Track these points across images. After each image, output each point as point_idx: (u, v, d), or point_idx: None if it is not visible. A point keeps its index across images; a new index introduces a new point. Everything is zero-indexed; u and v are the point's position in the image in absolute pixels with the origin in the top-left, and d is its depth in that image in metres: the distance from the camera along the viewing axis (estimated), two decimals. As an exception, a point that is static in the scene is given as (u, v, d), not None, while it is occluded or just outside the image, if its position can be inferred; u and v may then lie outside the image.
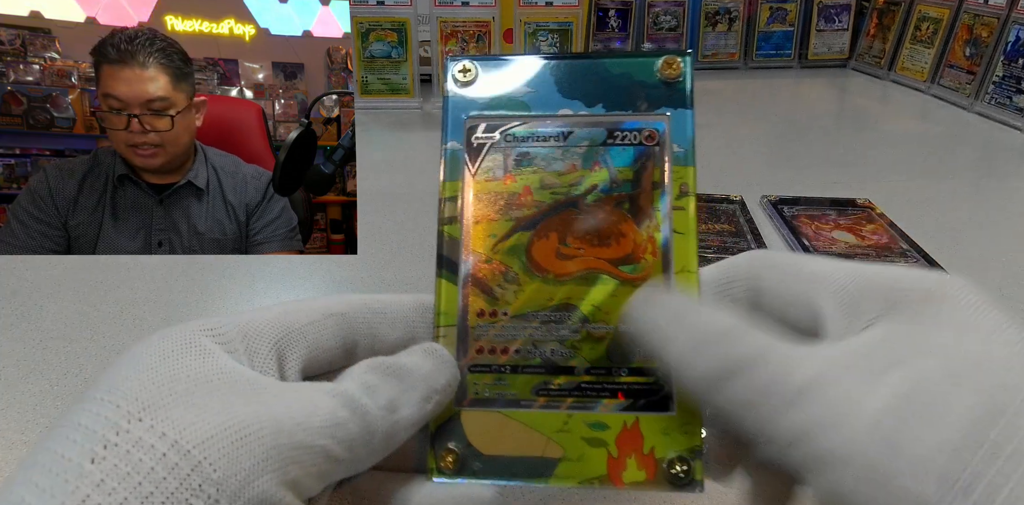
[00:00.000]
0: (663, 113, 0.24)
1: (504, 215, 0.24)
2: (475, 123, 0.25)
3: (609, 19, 1.21)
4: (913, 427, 0.17)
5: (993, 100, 0.97)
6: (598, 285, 0.23)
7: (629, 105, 0.25)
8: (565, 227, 0.24)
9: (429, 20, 0.96)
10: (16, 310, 0.48)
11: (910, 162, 0.82)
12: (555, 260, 0.24)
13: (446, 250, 0.24)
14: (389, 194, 0.69)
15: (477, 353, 0.23)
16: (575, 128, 0.25)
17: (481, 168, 0.25)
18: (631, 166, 0.24)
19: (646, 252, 0.24)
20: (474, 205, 0.24)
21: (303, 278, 0.53)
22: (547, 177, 0.24)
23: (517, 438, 0.22)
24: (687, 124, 0.24)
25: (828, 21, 1.27)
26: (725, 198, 0.66)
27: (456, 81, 0.25)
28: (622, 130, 0.24)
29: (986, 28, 0.99)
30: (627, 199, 0.24)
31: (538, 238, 0.24)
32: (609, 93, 0.25)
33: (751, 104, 1.08)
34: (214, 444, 0.17)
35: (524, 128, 0.25)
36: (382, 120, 0.95)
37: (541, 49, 0.98)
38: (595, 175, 0.24)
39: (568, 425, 0.22)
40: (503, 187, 0.24)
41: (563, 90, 0.25)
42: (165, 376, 0.18)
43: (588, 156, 0.24)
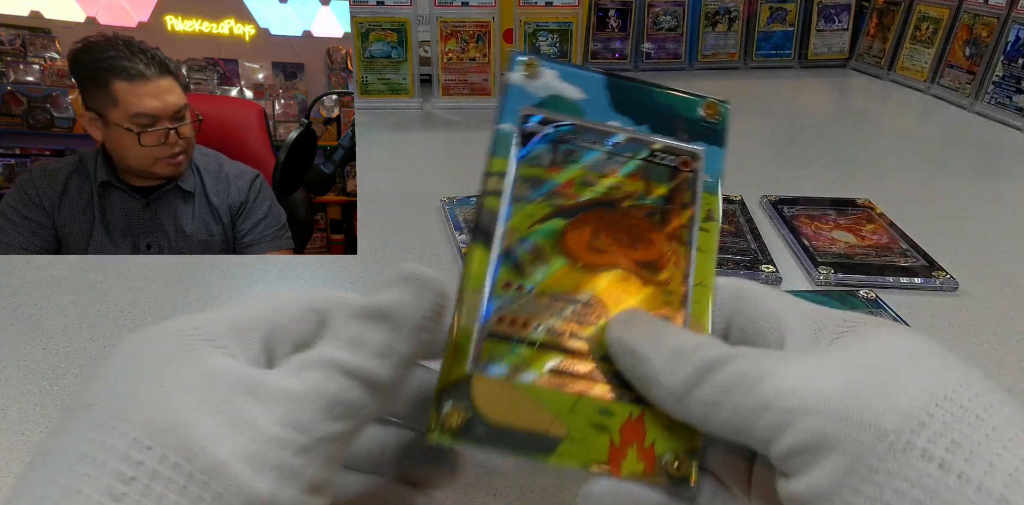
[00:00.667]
0: (700, 146, 0.27)
1: (545, 200, 0.25)
2: (530, 113, 0.26)
3: (609, 19, 1.21)
4: (878, 385, 0.19)
5: (993, 100, 0.97)
6: (621, 282, 0.24)
7: (672, 132, 0.27)
8: (600, 223, 0.25)
9: (429, 20, 0.96)
10: (16, 310, 0.48)
11: (910, 162, 0.82)
12: (586, 251, 0.25)
13: (484, 220, 0.24)
14: (389, 194, 0.69)
15: (499, 322, 0.23)
16: (621, 139, 0.26)
17: (530, 154, 0.26)
18: (667, 184, 0.26)
19: (670, 262, 0.25)
20: (517, 185, 0.25)
21: (303, 278, 0.53)
22: (589, 175, 0.26)
23: (525, 411, 0.22)
24: (719, 160, 0.27)
25: (828, 21, 1.26)
26: (725, 198, 0.66)
27: (520, 73, 0.26)
28: (663, 151, 0.27)
29: (986, 28, 0.99)
30: (659, 212, 0.26)
31: (573, 228, 0.25)
32: (656, 118, 0.27)
33: (751, 104, 1.08)
34: (230, 470, 0.17)
35: (576, 129, 0.26)
36: (382, 120, 0.95)
37: (541, 49, 0.99)
38: (633, 184, 0.26)
39: (576, 407, 0.22)
40: (547, 175, 0.25)
41: (615, 105, 0.27)
42: (165, 390, 0.18)
43: (629, 167, 0.26)
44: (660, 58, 1.24)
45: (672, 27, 1.22)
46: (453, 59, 0.97)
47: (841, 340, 0.22)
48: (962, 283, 0.51)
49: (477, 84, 0.99)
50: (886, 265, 0.53)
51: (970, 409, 0.18)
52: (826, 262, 0.53)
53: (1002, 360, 0.43)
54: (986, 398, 0.18)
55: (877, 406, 0.18)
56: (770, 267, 0.52)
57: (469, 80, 0.99)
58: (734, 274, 0.52)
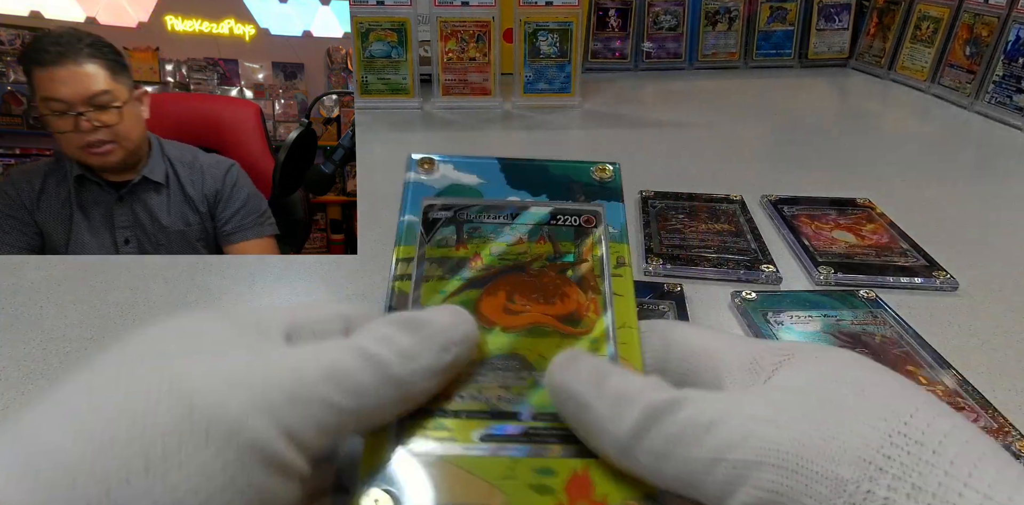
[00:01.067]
0: (599, 204, 0.29)
1: (455, 275, 0.26)
2: (432, 203, 0.29)
3: (609, 19, 1.21)
4: (828, 428, 0.18)
5: (993, 99, 0.97)
6: (544, 337, 0.25)
7: (569, 197, 0.29)
8: (513, 287, 0.26)
9: (429, 20, 0.96)
10: (16, 310, 0.48)
11: (910, 162, 0.82)
12: (503, 314, 0.25)
13: (395, 302, 0.25)
14: (389, 194, 0.69)
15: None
16: (522, 210, 0.29)
17: (435, 237, 0.28)
18: (573, 242, 0.28)
19: (589, 311, 0.26)
20: (427, 265, 0.27)
21: (303, 278, 0.53)
22: (495, 247, 0.27)
23: (456, 486, 0.21)
24: (620, 213, 0.29)
25: (828, 20, 1.26)
26: (725, 198, 0.66)
27: (417, 171, 0.30)
28: (564, 214, 0.29)
29: (986, 27, 0.99)
30: (570, 267, 0.27)
31: (487, 295, 0.26)
32: (552, 187, 0.29)
33: (751, 104, 1.08)
34: (206, 386, 0.18)
35: (476, 208, 0.28)
36: (382, 120, 0.95)
37: (541, 49, 0.98)
38: (540, 247, 0.28)
39: (514, 471, 0.21)
40: (455, 253, 0.27)
41: (512, 183, 0.29)
42: (173, 334, 0.20)
43: (534, 232, 0.28)
44: (660, 57, 1.24)
45: (672, 27, 1.22)
46: (453, 59, 0.97)
47: (780, 374, 0.21)
48: (962, 283, 0.51)
49: (477, 84, 0.99)
50: (886, 265, 0.53)
51: (926, 443, 0.18)
52: (826, 262, 0.53)
53: (1002, 360, 0.43)
54: (939, 425, 0.18)
55: (831, 453, 0.18)
56: (770, 267, 0.52)
57: (469, 80, 0.98)
58: (735, 273, 0.52)
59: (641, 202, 0.65)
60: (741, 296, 0.48)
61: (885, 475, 0.17)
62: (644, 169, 0.77)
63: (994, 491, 0.17)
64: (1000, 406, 0.37)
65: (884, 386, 0.20)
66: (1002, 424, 0.36)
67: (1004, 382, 0.41)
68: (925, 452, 0.17)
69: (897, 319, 0.45)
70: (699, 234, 0.58)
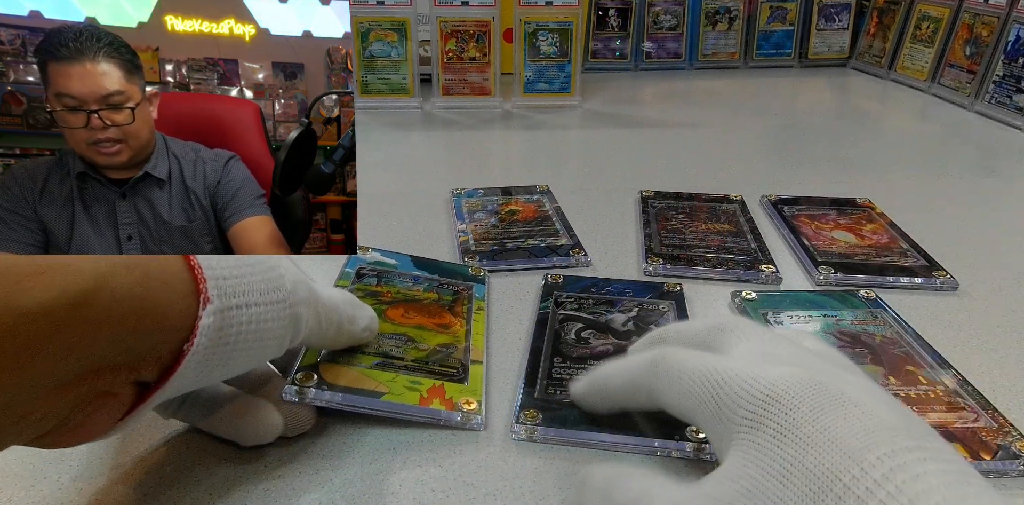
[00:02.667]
0: (470, 283, 0.49)
1: (374, 299, 0.44)
2: (363, 267, 0.48)
3: (609, 19, 1.21)
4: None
5: (993, 99, 0.97)
6: (424, 331, 0.42)
7: (454, 278, 0.49)
8: (409, 308, 0.44)
9: (429, 20, 0.96)
10: (16, 310, 0.48)
11: (910, 161, 0.82)
12: (401, 318, 0.43)
13: None
14: (389, 194, 0.69)
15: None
16: (421, 277, 0.48)
17: (362, 281, 0.46)
18: (452, 296, 0.46)
19: (455, 324, 0.43)
20: (355, 292, 0.44)
21: (303, 278, 0.53)
22: (402, 291, 0.46)
23: (356, 379, 0.36)
24: (483, 290, 0.49)
25: (828, 20, 1.26)
26: (725, 198, 0.66)
27: (359, 253, 0.49)
28: (448, 284, 0.48)
29: (986, 27, 0.99)
30: (448, 304, 0.45)
31: (392, 309, 0.43)
32: (442, 272, 0.49)
33: (751, 103, 1.08)
34: (291, 279, 0.31)
35: (391, 272, 0.48)
36: (382, 120, 0.95)
37: (541, 49, 0.98)
38: (430, 295, 0.46)
39: (395, 379, 0.37)
40: (374, 288, 0.45)
41: (417, 267, 0.49)
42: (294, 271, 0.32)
43: (428, 287, 0.47)
44: (660, 57, 1.24)
45: (672, 26, 1.22)
46: (453, 59, 0.97)
47: (738, 457, 0.24)
48: (962, 283, 0.51)
49: (477, 84, 0.99)
50: (886, 265, 0.53)
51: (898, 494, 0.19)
52: (826, 262, 0.53)
53: (1002, 360, 0.43)
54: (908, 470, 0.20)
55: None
56: (770, 267, 0.52)
57: (469, 80, 0.98)
58: (735, 273, 0.52)
59: (641, 202, 0.65)
60: (741, 296, 0.48)
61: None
62: (644, 169, 0.77)
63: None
64: (1000, 406, 0.37)
65: (852, 432, 0.22)
66: (1002, 424, 0.36)
67: (1004, 382, 0.41)
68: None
69: (897, 319, 0.45)
70: (699, 234, 0.58)
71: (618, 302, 0.47)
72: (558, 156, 0.84)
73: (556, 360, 0.41)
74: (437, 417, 0.36)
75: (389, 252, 0.50)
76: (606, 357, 0.40)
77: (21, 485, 0.33)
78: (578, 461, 0.35)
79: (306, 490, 0.33)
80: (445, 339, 0.41)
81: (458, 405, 0.36)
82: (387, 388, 0.36)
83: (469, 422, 0.36)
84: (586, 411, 0.36)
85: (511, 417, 0.37)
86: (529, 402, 0.37)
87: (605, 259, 0.55)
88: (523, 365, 0.41)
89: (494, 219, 0.61)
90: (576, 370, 0.40)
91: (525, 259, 0.54)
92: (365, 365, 0.37)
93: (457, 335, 0.42)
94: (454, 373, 0.38)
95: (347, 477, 0.33)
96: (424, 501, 0.32)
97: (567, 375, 0.39)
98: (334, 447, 0.35)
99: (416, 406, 0.35)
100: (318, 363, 0.36)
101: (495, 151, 0.87)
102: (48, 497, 0.32)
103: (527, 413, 0.36)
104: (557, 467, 0.34)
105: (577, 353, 0.41)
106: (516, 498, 0.32)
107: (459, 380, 0.38)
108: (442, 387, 0.37)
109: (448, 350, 0.40)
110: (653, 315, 0.46)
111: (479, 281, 0.49)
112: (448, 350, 0.40)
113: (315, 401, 0.35)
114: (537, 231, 0.58)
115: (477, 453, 0.35)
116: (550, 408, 0.37)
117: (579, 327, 0.44)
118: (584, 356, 0.41)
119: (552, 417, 0.36)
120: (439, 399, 0.36)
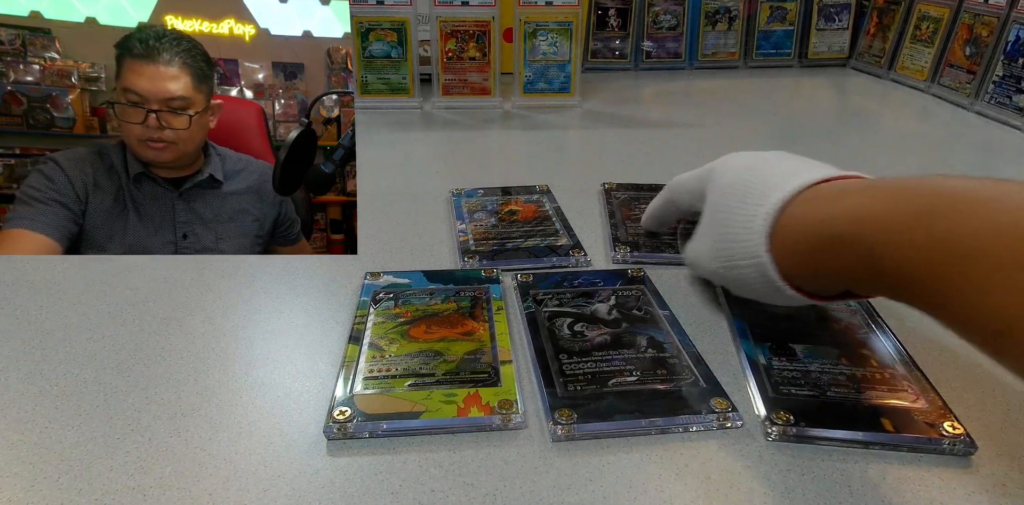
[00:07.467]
0: (486, 286, 0.50)
1: (394, 321, 0.46)
2: (379, 292, 0.49)
3: (609, 18, 1.21)
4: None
5: (993, 99, 0.97)
6: (448, 342, 0.43)
7: (467, 283, 0.50)
8: (430, 323, 0.45)
9: (429, 20, 0.96)
10: (16, 310, 0.48)
11: (910, 162, 0.82)
12: (424, 334, 0.44)
13: (355, 332, 0.44)
14: (389, 194, 0.69)
15: (369, 371, 0.40)
16: (436, 290, 0.49)
17: (380, 306, 0.47)
18: (470, 302, 0.48)
19: (478, 329, 0.45)
20: (375, 318, 0.46)
21: (303, 278, 0.53)
22: (420, 308, 0.47)
23: (393, 404, 0.38)
24: (499, 290, 0.49)
25: (828, 20, 1.26)
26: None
27: (369, 279, 0.51)
28: (463, 291, 0.49)
29: (986, 27, 0.99)
30: (468, 311, 0.47)
31: (414, 327, 0.45)
32: (456, 280, 0.50)
33: (751, 103, 1.08)
34: None
35: (407, 292, 0.49)
36: (382, 120, 0.95)
37: (541, 49, 0.99)
38: (447, 306, 0.47)
39: (430, 396, 0.38)
40: (394, 311, 0.47)
41: (429, 279, 0.50)
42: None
43: (444, 299, 0.48)
44: (660, 57, 1.24)
45: (672, 26, 1.22)
46: (453, 59, 0.97)
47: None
48: (962, 283, 0.51)
49: (477, 84, 0.99)
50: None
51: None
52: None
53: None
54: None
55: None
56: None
57: (469, 80, 0.98)
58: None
59: (604, 194, 0.67)
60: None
61: None
62: (644, 169, 0.77)
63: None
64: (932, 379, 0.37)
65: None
66: (933, 399, 0.36)
67: (1004, 383, 0.41)
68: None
69: (869, 310, 0.45)
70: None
71: (595, 293, 0.48)
72: (558, 156, 0.84)
73: (563, 357, 0.41)
74: (478, 424, 0.37)
75: (400, 273, 0.51)
76: (607, 347, 0.42)
77: (21, 485, 0.33)
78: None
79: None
80: (471, 346, 0.43)
81: (495, 408, 0.37)
82: (424, 406, 0.37)
83: (510, 423, 0.37)
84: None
85: (543, 415, 0.38)
86: (557, 402, 0.38)
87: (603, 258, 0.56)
88: (533, 366, 0.42)
89: (494, 219, 0.61)
90: (585, 364, 0.41)
91: (525, 259, 0.54)
92: (399, 389, 0.39)
93: (482, 339, 0.43)
94: (486, 378, 0.40)
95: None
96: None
97: (579, 370, 0.40)
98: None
99: (455, 418, 0.36)
100: (352, 396, 0.38)
101: (495, 151, 0.87)
102: (48, 497, 0.32)
103: (561, 413, 0.37)
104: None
105: (579, 347, 0.42)
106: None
107: (492, 383, 0.39)
108: (477, 394, 0.38)
109: (476, 356, 0.42)
110: (630, 300, 0.47)
111: (494, 281, 0.50)
112: (476, 356, 0.42)
113: (358, 434, 0.36)
114: (537, 231, 0.58)
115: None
116: (579, 404, 0.37)
117: (569, 322, 0.45)
118: (587, 349, 0.42)
119: (586, 412, 0.37)
120: (476, 406, 0.37)
